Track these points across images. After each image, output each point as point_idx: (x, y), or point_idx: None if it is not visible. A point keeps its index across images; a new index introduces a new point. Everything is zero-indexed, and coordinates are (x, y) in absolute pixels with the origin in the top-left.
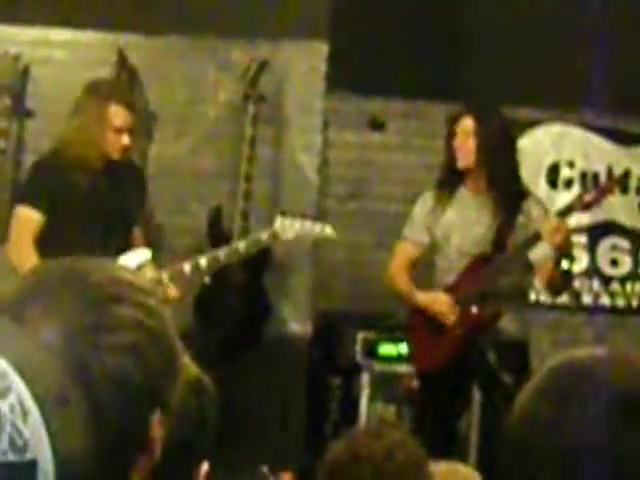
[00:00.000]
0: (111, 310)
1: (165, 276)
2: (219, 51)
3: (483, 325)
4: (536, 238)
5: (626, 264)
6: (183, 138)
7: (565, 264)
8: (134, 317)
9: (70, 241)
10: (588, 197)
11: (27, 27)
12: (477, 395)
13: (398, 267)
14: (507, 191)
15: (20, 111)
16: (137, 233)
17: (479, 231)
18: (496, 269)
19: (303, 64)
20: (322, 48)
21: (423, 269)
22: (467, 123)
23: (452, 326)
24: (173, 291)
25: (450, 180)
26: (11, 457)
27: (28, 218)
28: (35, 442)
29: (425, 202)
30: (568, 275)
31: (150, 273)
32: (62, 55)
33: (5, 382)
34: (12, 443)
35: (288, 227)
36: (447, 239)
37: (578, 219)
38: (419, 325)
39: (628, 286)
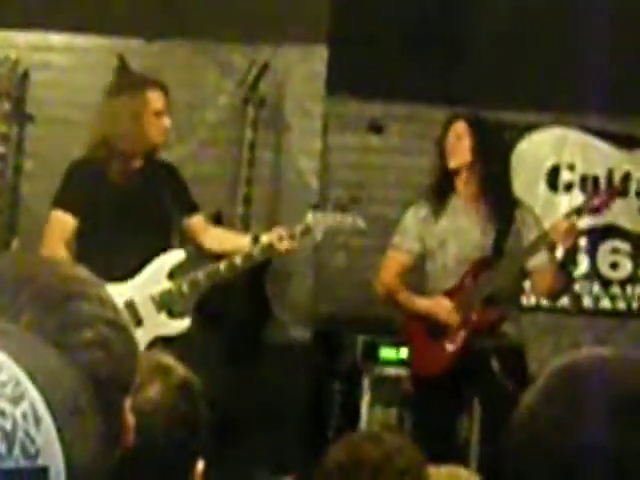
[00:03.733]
0: (68, 308)
1: (201, 276)
2: (219, 55)
3: (485, 329)
4: (541, 241)
5: (626, 267)
6: (183, 142)
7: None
8: (92, 311)
9: (105, 242)
10: (596, 200)
11: (27, 31)
12: (477, 400)
13: (391, 276)
14: (500, 196)
15: (20, 116)
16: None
17: (476, 236)
18: (497, 273)
19: (303, 68)
20: (322, 52)
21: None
22: (460, 126)
23: (454, 330)
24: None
25: (442, 187)
26: (22, 464)
27: (61, 222)
28: (47, 449)
29: (417, 211)
30: (570, 277)
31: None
32: (62, 60)
33: (19, 389)
34: (24, 450)
35: (320, 221)
36: (443, 247)
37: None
38: (418, 331)
39: (628, 289)
